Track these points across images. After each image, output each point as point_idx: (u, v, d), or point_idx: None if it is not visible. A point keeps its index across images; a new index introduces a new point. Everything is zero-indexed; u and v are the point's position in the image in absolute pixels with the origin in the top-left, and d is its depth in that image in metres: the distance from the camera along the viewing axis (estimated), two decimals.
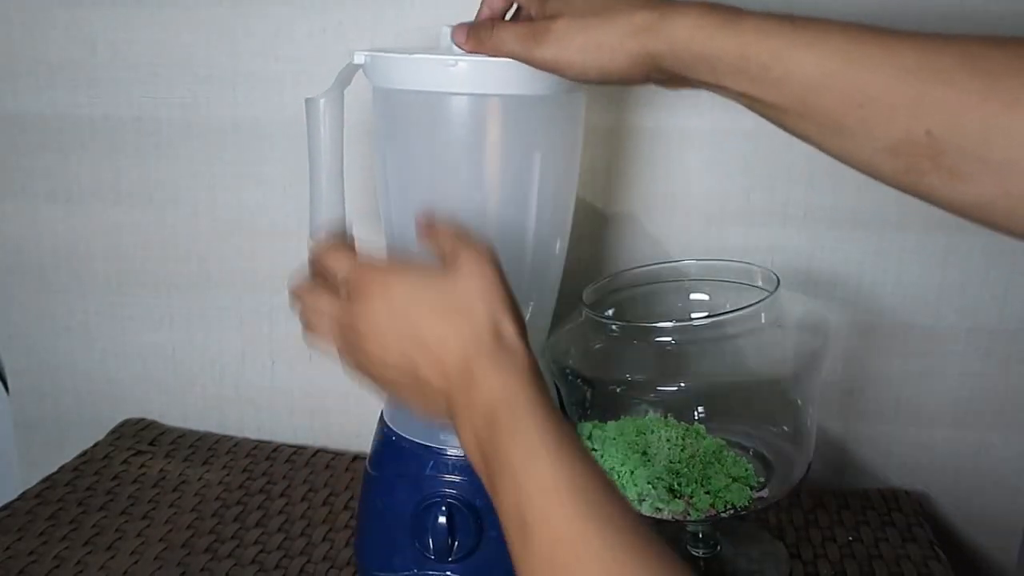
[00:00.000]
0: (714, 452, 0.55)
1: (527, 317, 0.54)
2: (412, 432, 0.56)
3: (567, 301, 0.61)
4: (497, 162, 0.52)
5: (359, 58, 0.53)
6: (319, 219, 0.56)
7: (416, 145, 0.53)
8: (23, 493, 0.70)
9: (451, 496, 0.54)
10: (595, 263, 0.71)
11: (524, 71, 0.47)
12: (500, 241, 0.51)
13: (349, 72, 0.54)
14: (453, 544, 0.54)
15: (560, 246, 0.56)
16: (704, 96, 0.67)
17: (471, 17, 0.52)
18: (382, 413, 0.59)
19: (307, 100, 0.53)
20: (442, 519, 0.54)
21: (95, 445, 0.77)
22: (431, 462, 0.55)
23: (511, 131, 0.51)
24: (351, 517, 0.67)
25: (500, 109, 0.51)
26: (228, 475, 0.73)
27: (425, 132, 0.53)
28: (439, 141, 0.52)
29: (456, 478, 0.54)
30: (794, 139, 0.67)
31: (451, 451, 0.55)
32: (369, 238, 0.67)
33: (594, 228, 0.70)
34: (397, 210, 0.55)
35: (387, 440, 0.57)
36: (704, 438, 0.55)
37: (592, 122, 0.67)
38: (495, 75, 0.48)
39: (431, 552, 0.54)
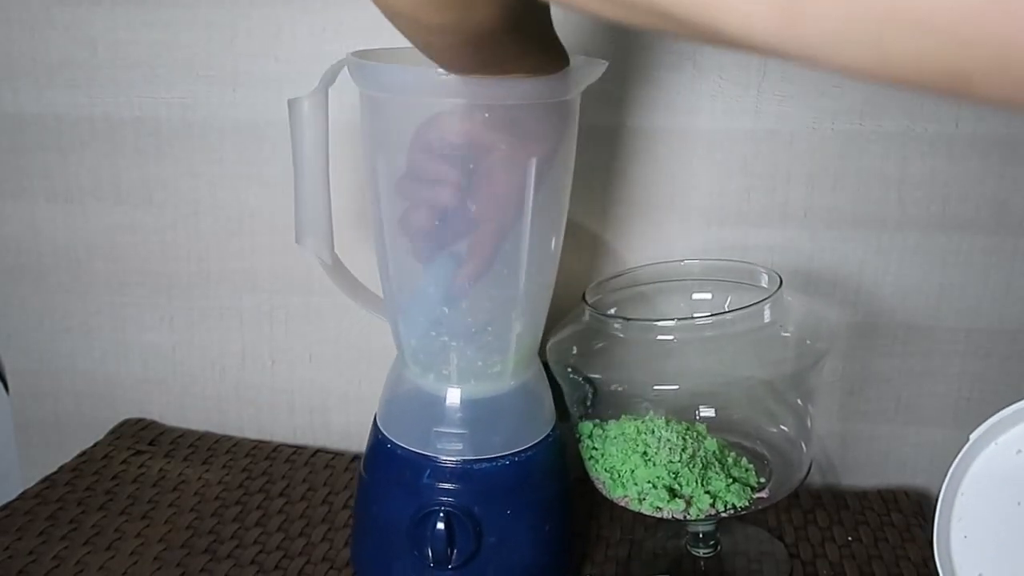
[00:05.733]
0: (715, 452, 0.55)
1: (521, 322, 0.54)
2: (407, 440, 0.56)
3: (569, 301, 0.61)
4: (490, 170, 0.50)
5: (344, 59, 0.51)
6: (304, 222, 0.55)
7: (405, 153, 0.50)
8: (23, 493, 0.70)
9: (448, 504, 0.54)
10: (596, 263, 0.71)
11: (517, 81, 0.44)
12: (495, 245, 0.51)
13: (333, 72, 0.53)
14: (452, 552, 0.54)
15: (555, 245, 0.55)
16: (704, 96, 0.67)
17: None
18: (376, 417, 0.59)
19: (290, 101, 0.52)
20: (440, 526, 0.53)
21: (95, 445, 0.77)
22: (427, 470, 0.54)
23: (504, 139, 0.49)
24: (350, 516, 0.67)
25: (492, 117, 0.48)
26: (228, 475, 0.73)
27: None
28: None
29: (453, 486, 0.54)
30: (794, 139, 0.68)
31: (446, 459, 0.54)
32: (358, 239, 0.67)
33: (595, 228, 0.70)
34: (387, 214, 0.53)
35: (381, 446, 0.57)
36: (705, 438, 0.55)
37: (592, 122, 0.67)
38: (486, 84, 0.44)
39: (430, 560, 0.54)
